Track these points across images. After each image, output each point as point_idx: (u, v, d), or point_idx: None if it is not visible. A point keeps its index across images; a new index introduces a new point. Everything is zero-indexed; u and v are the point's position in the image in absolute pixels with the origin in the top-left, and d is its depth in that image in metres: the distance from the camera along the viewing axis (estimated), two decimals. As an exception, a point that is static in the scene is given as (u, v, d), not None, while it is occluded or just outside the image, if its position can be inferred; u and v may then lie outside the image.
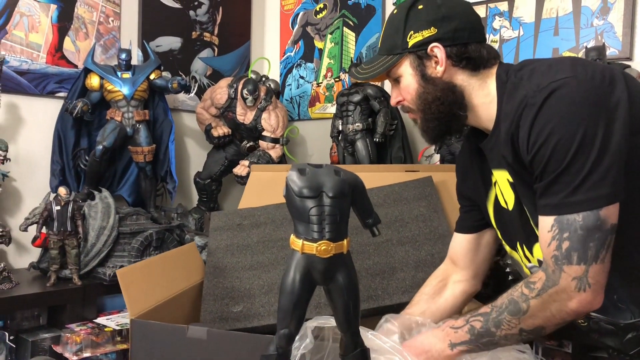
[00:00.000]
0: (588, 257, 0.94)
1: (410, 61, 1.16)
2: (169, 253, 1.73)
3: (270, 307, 1.56)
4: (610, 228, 0.94)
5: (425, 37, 1.12)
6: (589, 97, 0.93)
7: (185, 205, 2.69)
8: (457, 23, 1.11)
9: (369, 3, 2.84)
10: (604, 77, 0.96)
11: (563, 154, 0.93)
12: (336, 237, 0.88)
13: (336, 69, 2.98)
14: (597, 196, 0.93)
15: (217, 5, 3.00)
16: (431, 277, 1.42)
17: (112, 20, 2.52)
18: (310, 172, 0.89)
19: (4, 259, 2.10)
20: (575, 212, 0.94)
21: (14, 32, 2.19)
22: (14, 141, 2.17)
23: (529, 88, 0.99)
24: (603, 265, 0.95)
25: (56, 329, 1.92)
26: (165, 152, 2.43)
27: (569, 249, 0.95)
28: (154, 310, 1.42)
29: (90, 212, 2.08)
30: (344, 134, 2.43)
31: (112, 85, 2.25)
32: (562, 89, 0.94)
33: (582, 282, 0.95)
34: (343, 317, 0.92)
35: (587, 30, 2.23)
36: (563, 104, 0.94)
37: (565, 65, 0.99)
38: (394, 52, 1.17)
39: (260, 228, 1.80)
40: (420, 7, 1.14)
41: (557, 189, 0.96)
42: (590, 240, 0.94)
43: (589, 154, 0.92)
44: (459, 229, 1.38)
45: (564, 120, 0.93)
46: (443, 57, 1.12)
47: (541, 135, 0.95)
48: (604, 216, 0.93)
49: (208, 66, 2.97)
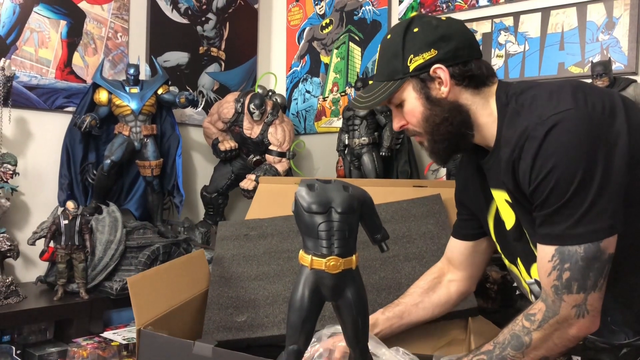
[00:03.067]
0: (587, 286, 0.97)
1: (413, 85, 1.14)
2: (178, 261, 1.73)
3: (275, 317, 1.55)
4: (608, 258, 0.97)
5: (427, 59, 1.11)
6: (589, 131, 0.94)
7: (192, 219, 2.70)
8: (456, 42, 1.11)
9: (374, 18, 2.86)
10: (604, 108, 0.97)
11: (564, 189, 0.94)
12: (345, 253, 0.88)
13: (342, 83, 2.99)
14: (598, 229, 0.94)
15: (224, 21, 3.03)
16: (427, 272, 1.43)
17: (120, 36, 2.54)
18: (319, 188, 0.90)
19: (11, 272, 2.10)
20: (576, 244, 0.96)
21: (24, 48, 2.21)
22: (23, 155, 2.19)
23: (531, 119, 0.99)
24: (600, 293, 0.98)
25: (63, 343, 1.92)
26: (172, 166, 2.44)
27: (569, 279, 0.97)
28: (161, 319, 1.42)
29: (98, 226, 2.09)
30: (350, 148, 2.44)
31: (120, 100, 2.26)
32: (564, 123, 0.94)
33: (581, 309, 0.98)
34: (352, 333, 0.91)
35: (592, 44, 2.24)
36: (564, 139, 0.94)
37: (567, 94, 0.99)
38: (395, 77, 1.15)
39: (267, 239, 1.80)
40: (416, 30, 1.12)
41: (558, 219, 0.97)
42: (590, 270, 0.96)
43: (590, 189, 0.93)
44: (456, 235, 1.38)
45: (565, 155, 0.94)
46: (447, 78, 1.11)
47: (543, 169, 0.96)
48: (603, 247, 0.95)
49: (215, 81, 2.99)
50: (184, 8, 2.82)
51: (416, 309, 1.37)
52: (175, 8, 2.78)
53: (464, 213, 1.36)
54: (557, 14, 2.32)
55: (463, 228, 1.36)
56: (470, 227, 1.35)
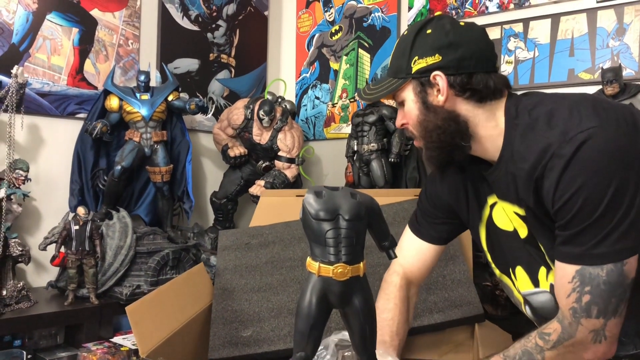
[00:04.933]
0: (608, 311, 0.94)
1: (413, 87, 1.12)
2: (178, 279, 1.70)
3: (280, 331, 1.54)
4: (631, 282, 0.94)
5: (429, 64, 1.09)
6: (618, 150, 0.92)
7: (202, 224, 2.71)
8: (463, 51, 1.07)
9: (384, 25, 2.87)
10: (627, 123, 0.95)
11: (592, 209, 0.92)
12: (352, 260, 0.88)
13: (351, 89, 3.00)
14: (621, 249, 0.92)
15: (234, 28, 3.05)
16: (389, 286, 1.34)
17: (131, 43, 2.57)
18: (327, 195, 0.90)
19: (23, 277, 2.12)
20: (598, 264, 0.93)
21: (37, 55, 2.24)
22: (35, 161, 2.21)
23: (553, 136, 0.96)
24: (620, 318, 0.96)
25: (73, 348, 1.92)
26: (182, 172, 2.46)
27: (589, 302, 0.94)
28: (165, 344, 1.39)
29: (108, 232, 2.10)
30: (359, 154, 2.44)
31: (130, 107, 2.28)
32: (592, 141, 0.92)
33: (599, 334, 0.95)
34: (359, 340, 0.91)
35: (602, 51, 2.23)
36: (593, 158, 0.91)
37: (588, 109, 0.96)
38: (398, 75, 1.14)
39: (269, 247, 1.79)
40: (429, 32, 1.10)
41: (582, 240, 0.94)
42: (613, 295, 0.93)
43: (618, 210, 0.91)
44: (423, 237, 1.33)
45: (594, 175, 0.91)
46: (445, 86, 1.08)
47: (570, 188, 0.93)
48: (627, 271, 0.93)
49: (225, 87, 3.01)
50: (195, 15, 2.85)
51: (406, 326, 1.33)
52: (186, 15, 2.81)
53: (439, 216, 1.32)
54: (567, 20, 2.31)
55: (438, 232, 1.32)
56: (446, 230, 1.31)
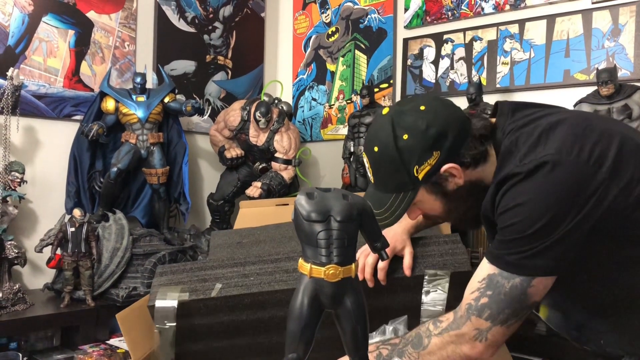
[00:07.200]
0: (498, 319, 0.99)
1: (426, 190, 1.11)
2: None
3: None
4: (531, 304, 0.98)
5: (433, 164, 1.06)
6: (566, 182, 0.93)
7: (199, 226, 2.71)
8: (451, 133, 1.05)
9: (380, 26, 2.87)
10: (592, 155, 0.94)
11: (524, 228, 0.95)
12: (344, 261, 0.88)
13: (348, 91, 3.00)
14: (534, 266, 0.96)
15: (230, 30, 3.05)
16: None
17: (127, 45, 2.57)
18: (319, 196, 0.90)
19: (19, 280, 2.12)
20: (509, 271, 0.98)
21: (33, 57, 2.24)
22: (31, 163, 2.21)
23: (516, 160, 0.99)
24: (507, 330, 1.00)
25: (69, 350, 1.93)
26: (178, 173, 2.46)
27: (484, 304, 1.00)
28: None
29: (104, 234, 2.11)
30: (356, 155, 2.44)
31: (127, 109, 2.28)
32: (547, 167, 0.94)
33: (482, 334, 1.01)
34: (351, 341, 0.91)
35: (598, 52, 2.23)
36: (541, 183, 0.94)
37: (557, 135, 0.98)
38: (405, 188, 1.10)
39: (260, 245, 1.79)
40: (406, 138, 1.05)
41: (505, 246, 0.99)
42: (508, 307, 0.98)
43: (546, 238, 0.94)
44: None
45: (536, 199, 0.95)
46: (460, 171, 1.07)
47: (512, 202, 0.97)
48: (530, 292, 0.97)
49: (222, 89, 3.01)
50: (191, 17, 2.85)
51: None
52: (182, 17, 2.81)
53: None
54: (563, 21, 2.32)
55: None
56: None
